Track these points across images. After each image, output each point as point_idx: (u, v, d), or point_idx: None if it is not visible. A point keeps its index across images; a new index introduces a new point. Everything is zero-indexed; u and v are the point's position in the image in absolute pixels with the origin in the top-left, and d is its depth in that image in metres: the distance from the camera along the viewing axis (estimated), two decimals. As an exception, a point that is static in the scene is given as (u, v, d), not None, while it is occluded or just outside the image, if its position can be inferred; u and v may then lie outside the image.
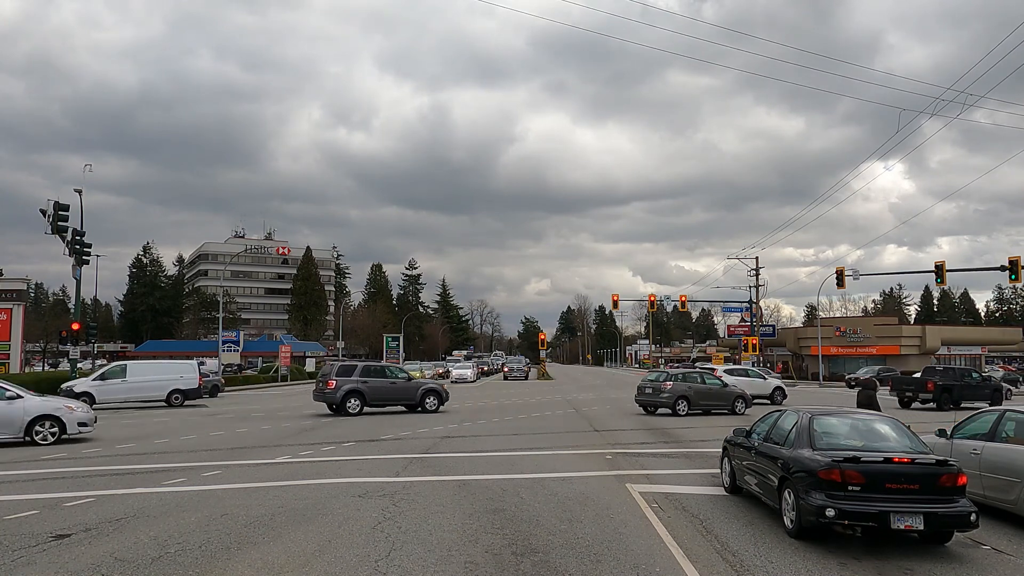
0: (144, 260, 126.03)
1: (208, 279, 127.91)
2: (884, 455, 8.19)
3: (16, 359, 43.70)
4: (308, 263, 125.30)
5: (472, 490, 11.29)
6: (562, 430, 20.95)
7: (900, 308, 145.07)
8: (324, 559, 7.46)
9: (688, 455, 15.79)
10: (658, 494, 11.03)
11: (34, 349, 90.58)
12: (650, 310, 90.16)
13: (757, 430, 10.62)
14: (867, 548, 8.13)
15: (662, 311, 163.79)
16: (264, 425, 22.37)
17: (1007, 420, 10.07)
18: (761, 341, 65.68)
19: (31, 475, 13.17)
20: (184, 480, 12.28)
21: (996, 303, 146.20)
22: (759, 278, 62.70)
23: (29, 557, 7.56)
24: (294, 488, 11.43)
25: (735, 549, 8.03)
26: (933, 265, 39.92)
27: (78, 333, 36.38)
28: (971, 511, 7.81)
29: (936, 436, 11.13)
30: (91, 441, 18.24)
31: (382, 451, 16.11)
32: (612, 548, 7.95)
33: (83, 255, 35.16)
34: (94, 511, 9.76)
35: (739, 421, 21.88)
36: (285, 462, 14.54)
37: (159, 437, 19.26)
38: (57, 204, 33.22)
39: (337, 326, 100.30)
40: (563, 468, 13.59)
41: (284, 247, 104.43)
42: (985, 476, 9.79)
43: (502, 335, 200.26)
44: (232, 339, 61.39)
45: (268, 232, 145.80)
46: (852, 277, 46.58)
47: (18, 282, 47.47)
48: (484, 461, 14.58)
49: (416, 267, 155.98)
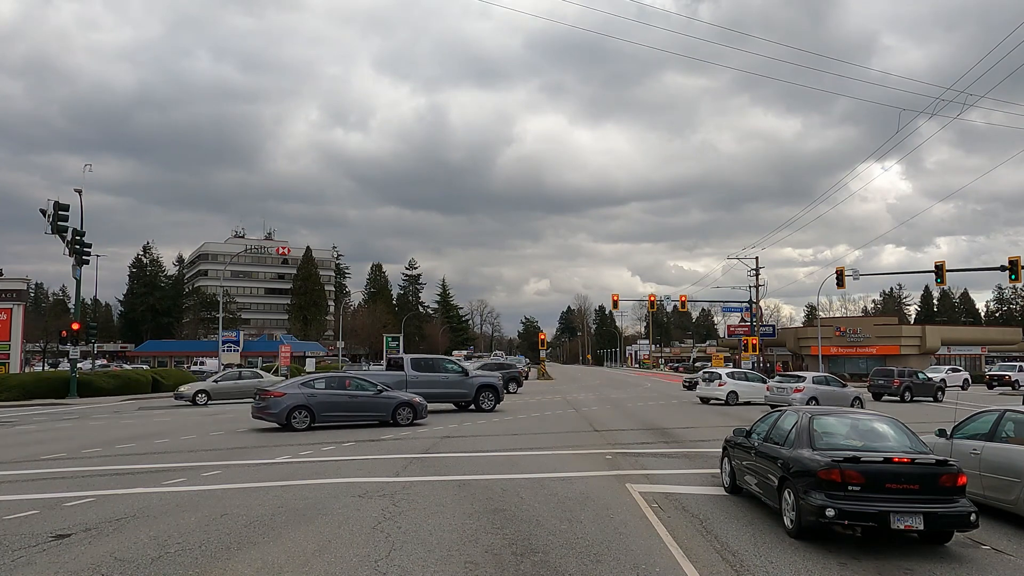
0: (144, 260, 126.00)
1: (208, 279, 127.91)
2: (884, 455, 8.19)
3: (16, 359, 43.69)
4: (308, 263, 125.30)
5: (472, 490, 11.28)
6: (562, 430, 20.95)
7: (900, 308, 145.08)
8: (324, 559, 7.46)
9: (688, 455, 15.78)
10: (658, 494, 11.03)
11: (34, 349, 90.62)
12: (650, 310, 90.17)
13: (757, 430, 10.62)
14: (867, 548, 8.13)
15: (662, 311, 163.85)
16: (264, 425, 22.36)
17: (1007, 420, 10.07)
18: (761, 341, 65.66)
19: (31, 475, 13.17)
20: (184, 480, 12.28)
21: (996, 303, 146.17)
22: (759, 278, 62.69)
23: (29, 557, 7.56)
24: (294, 488, 11.42)
25: (735, 549, 8.03)
26: (933, 265, 39.88)
27: (78, 333, 36.41)
28: (971, 511, 7.80)
29: (936, 436, 11.12)
30: (92, 441, 18.25)
31: (382, 451, 16.10)
32: (612, 548, 7.94)
33: (83, 255, 35.19)
34: (94, 511, 9.76)
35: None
36: (285, 462, 14.53)
37: (159, 437, 19.25)
38: (57, 204, 33.25)
39: (337, 326, 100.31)
40: (563, 468, 13.58)
41: (284, 247, 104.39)
42: (985, 476, 9.79)
43: (502, 335, 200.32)
44: (232, 339, 61.46)
45: (268, 232, 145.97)
46: (852, 277, 46.51)
47: (18, 282, 47.45)
48: (484, 461, 14.58)
49: (416, 267, 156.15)
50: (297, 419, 20.19)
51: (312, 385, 21.27)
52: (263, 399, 20.54)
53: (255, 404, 20.86)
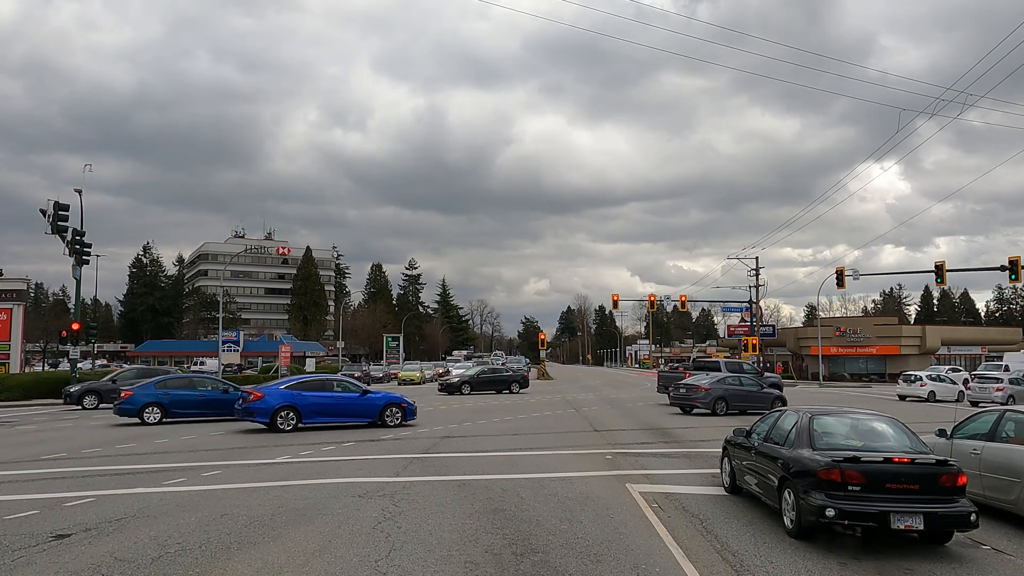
0: (144, 260, 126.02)
1: (208, 279, 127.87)
2: (884, 455, 8.19)
3: (16, 359, 43.64)
4: (308, 263, 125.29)
5: (472, 490, 11.28)
6: (562, 430, 20.95)
7: (900, 308, 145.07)
8: (324, 559, 7.46)
9: (688, 455, 15.78)
10: (658, 494, 11.03)
11: (34, 349, 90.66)
12: (650, 310, 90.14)
13: (757, 430, 10.62)
14: (867, 548, 8.13)
15: (662, 311, 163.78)
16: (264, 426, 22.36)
17: (1007, 420, 10.07)
18: (761, 341, 65.65)
19: (31, 475, 13.16)
20: (184, 480, 12.28)
21: (996, 303, 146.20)
22: (759, 278, 62.68)
23: (29, 557, 7.56)
24: (294, 488, 11.42)
25: (735, 549, 8.03)
26: (932, 265, 39.92)
27: (78, 333, 36.39)
28: (971, 511, 7.80)
29: (936, 436, 11.13)
30: (92, 441, 18.25)
31: (382, 451, 16.10)
32: (612, 548, 7.94)
33: (83, 255, 35.18)
34: (94, 511, 9.76)
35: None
36: (285, 462, 14.53)
37: (159, 437, 19.25)
38: (57, 204, 33.23)
39: (337, 326, 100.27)
40: (563, 468, 13.58)
41: (284, 247, 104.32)
42: (985, 476, 9.79)
43: (502, 335, 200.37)
44: (232, 339, 61.29)
45: (268, 232, 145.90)
46: (852, 277, 46.54)
47: (18, 282, 47.41)
48: (484, 461, 14.58)
49: (416, 267, 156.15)
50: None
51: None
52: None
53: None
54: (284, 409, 20.07)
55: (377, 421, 21.34)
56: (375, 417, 21.37)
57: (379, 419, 21.35)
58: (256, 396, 20.18)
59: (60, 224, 33.39)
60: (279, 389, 20.69)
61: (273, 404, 20.01)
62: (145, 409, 22.79)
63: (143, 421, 22.59)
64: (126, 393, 23.22)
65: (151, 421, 22.63)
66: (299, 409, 20.27)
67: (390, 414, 21.46)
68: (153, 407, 22.92)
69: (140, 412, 22.70)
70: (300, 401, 20.39)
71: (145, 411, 22.77)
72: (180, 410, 23.46)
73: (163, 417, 22.92)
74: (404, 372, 61.26)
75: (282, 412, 20.02)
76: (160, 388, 23.60)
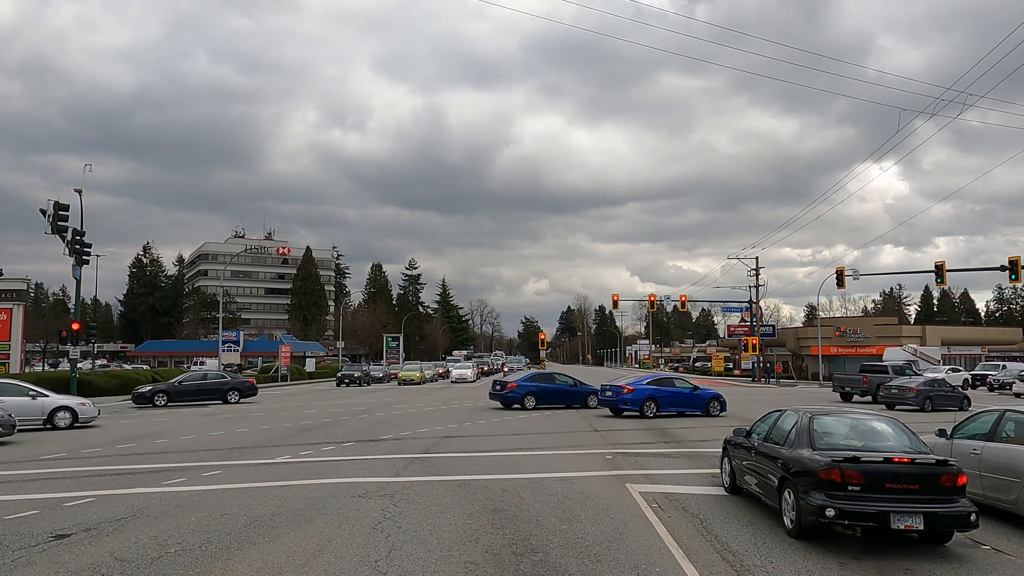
0: (144, 260, 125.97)
1: (208, 279, 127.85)
2: (884, 455, 8.18)
3: (16, 359, 43.65)
4: (308, 263, 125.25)
5: (472, 490, 11.28)
6: (562, 430, 20.94)
7: (900, 308, 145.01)
8: (324, 559, 7.46)
9: (688, 455, 15.78)
10: (658, 494, 11.03)
11: (34, 349, 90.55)
12: (650, 310, 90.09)
13: (757, 430, 10.62)
14: (867, 548, 8.13)
15: (662, 311, 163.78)
16: (264, 425, 22.38)
17: (1007, 420, 10.06)
18: (761, 341, 65.67)
19: (31, 475, 13.17)
20: (184, 480, 12.28)
21: (996, 303, 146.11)
22: (759, 278, 62.67)
23: (29, 557, 7.56)
24: (294, 488, 11.42)
25: (735, 549, 8.03)
26: (931, 265, 39.91)
27: (78, 333, 36.34)
28: (971, 511, 7.80)
29: (936, 436, 11.12)
30: (91, 441, 18.24)
31: (382, 451, 16.10)
32: (612, 548, 7.94)
33: (83, 255, 35.14)
34: (94, 511, 9.76)
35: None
36: (285, 462, 14.53)
37: (159, 437, 19.25)
38: (57, 204, 33.18)
39: (337, 326, 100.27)
40: (563, 468, 13.58)
41: (284, 247, 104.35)
42: (985, 476, 9.79)
43: (502, 335, 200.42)
44: (232, 339, 61.43)
45: (268, 232, 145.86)
46: (852, 277, 46.49)
47: (18, 282, 47.41)
48: (484, 461, 14.58)
49: (416, 267, 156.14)
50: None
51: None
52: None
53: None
54: (647, 400, 24.93)
55: (701, 413, 25.41)
56: (702, 409, 25.51)
57: (704, 411, 25.46)
58: (628, 390, 25.26)
59: (60, 224, 33.34)
60: (642, 384, 25.77)
61: (641, 396, 25.00)
62: (526, 398, 28.26)
63: (524, 407, 27.90)
64: (511, 385, 28.78)
65: (529, 407, 27.98)
66: (658, 400, 25.13)
67: (713, 407, 25.66)
68: (530, 397, 28.37)
69: (522, 400, 28.09)
70: (658, 394, 25.37)
71: (526, 399, 28.22)
72: (546, 400, 28.70)
73: (536, 404, 28.35)
74: (404, 372, 61.25)
75: (647, 403, 24.88)
76: (533, 381, 29.43)
